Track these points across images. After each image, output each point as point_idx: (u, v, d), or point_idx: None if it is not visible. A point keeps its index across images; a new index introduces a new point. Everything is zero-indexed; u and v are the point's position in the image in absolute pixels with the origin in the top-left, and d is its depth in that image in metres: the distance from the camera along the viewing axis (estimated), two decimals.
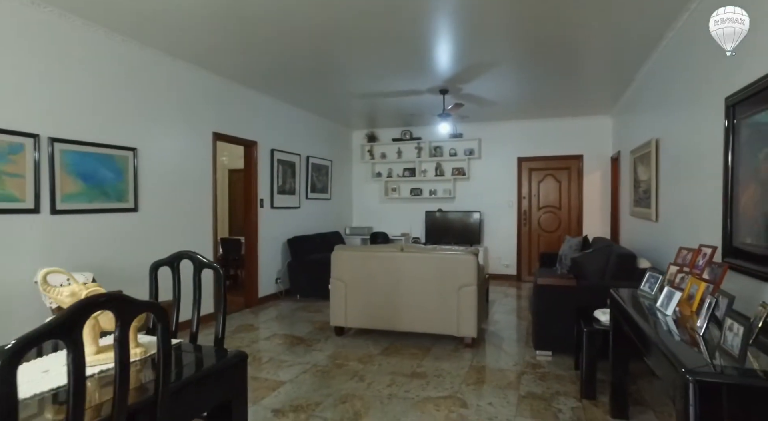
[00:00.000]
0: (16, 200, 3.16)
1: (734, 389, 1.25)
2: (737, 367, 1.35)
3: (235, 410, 1.51)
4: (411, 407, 2.85)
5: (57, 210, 3.41)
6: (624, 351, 2.64)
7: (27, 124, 3.20)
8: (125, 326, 0.99)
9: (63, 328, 0.87)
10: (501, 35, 3.93)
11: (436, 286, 4.00)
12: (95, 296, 0.95)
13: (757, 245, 2.26)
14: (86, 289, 1.42)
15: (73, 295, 1.39)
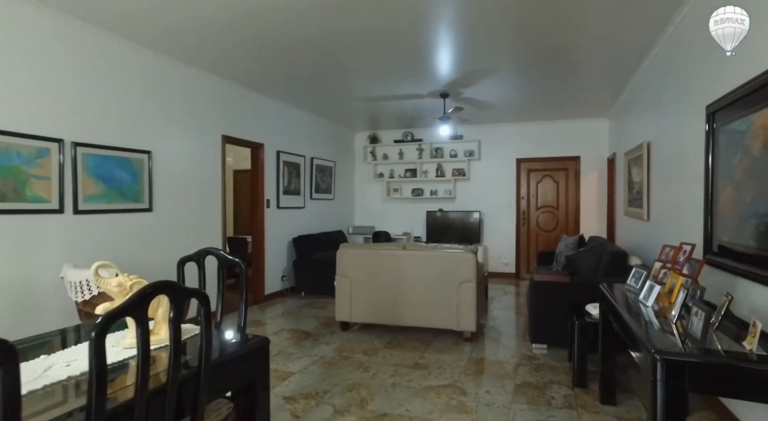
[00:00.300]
0: (43, 201, 3.36)
1: (695, 366, 1.45)
2: (699, 347, 1.54)
3: (259, 388, 1.71)
4: (414, 394, 3.05)
5: (79, 210, 3.61)
6: (612, 342, 2.83)
7: (52, 129, 3.40)
8: (179, 309, 1.19)
9: (135, 307, 1.06)
10: (500, 42, 4.12)
11: (437, 282, 4.19)
12: (158, 282, 1.14)
13: (732, 243, 2.45)
14: (131, 280, 1.62)
15: (120, 285, 1.59)
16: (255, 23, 3.57)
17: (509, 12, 3.40)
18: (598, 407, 2.84)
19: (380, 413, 2.76)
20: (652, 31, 3.72)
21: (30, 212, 3.26)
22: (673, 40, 3.60)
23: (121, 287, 1.59)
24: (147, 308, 1.10)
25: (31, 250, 3.26)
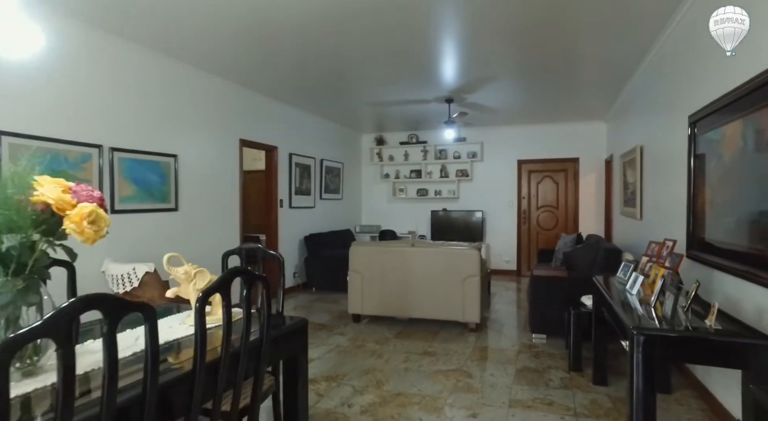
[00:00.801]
0: None
1: (663, 338, 1.77)
2: (668, 324, 1.86)
3: (300, 360, 2.02)
4: (424, 377, 3.36)
5: (116, 210, 3.93)
6: (604, 330, 3.14)
7: (93, 136, 3.72)
8: (250, 290, 1.50)
9: (223, 286, 1.38)
10: (501, 52, 4.42)
11: (444, 277, 4.51)
12: (234, 268, 1.46)
13: (709, 239, 2.76)
14: (194, 269, 1.93)
15: (186, 273, 1.90)
16: (272, 35, 3.87)
17: (510, 25, 3.70)
18: (591, 388, 3.15)
19: (395, 393, 3.07)
20: (642, 43, 4.02)
21: None
22: (662, 52, 3.90)
23: (187, 274, 1.90)
24: (230, 287, 1.41)
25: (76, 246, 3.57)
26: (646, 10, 3.32)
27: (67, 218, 1.28)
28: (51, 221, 1.30)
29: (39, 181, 1.30)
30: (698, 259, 2.92)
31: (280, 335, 1.87)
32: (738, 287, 2.37)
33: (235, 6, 3.31)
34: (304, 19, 3.53)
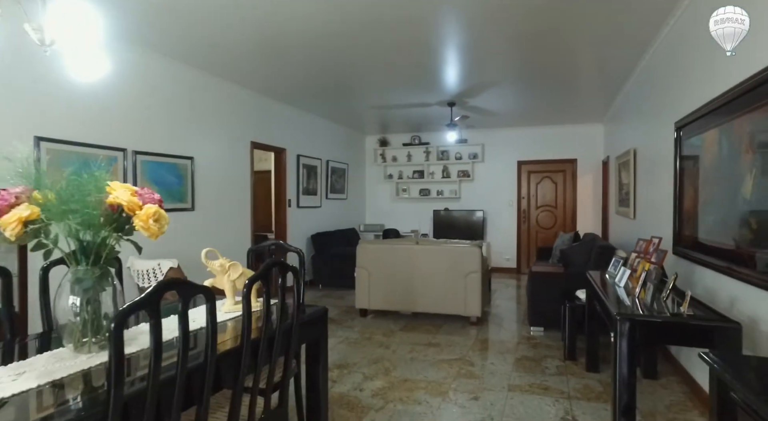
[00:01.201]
0: None
1: (642, 323, 2.01)
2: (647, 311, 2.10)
3: (321, 344, 2.27)
4: (429, 365, 3.61)
5: None
6: (596, 321, 3.38)
7: (118, 140, 3.97)
8: (285, 279, 1.75)
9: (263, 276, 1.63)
10: (503, 58, 4.65)
11: (447, 273, 4.75)
12: (271, 261, 1.70)
13: (691, 236, 3.01)
14: (228, 262, 2.17)
15: (221, 265, 2.14)
16: (281, 43, 4.06)
17: (510, 34, 3.91)
18: (584, 374, 3.39)
19: (402, 379, 3.32)
20: (635, 52, 4.26)
21: None
22: (652, 62, 4.15)
23: (222, 267, 2.14)
24: (271, 276, 1.66)
25: None
26: (639, 21, 3.55)
27: (136, 217, 1.52)
28: (121, 220, 1.54)
29: (111, 186, 1.54)
30: (682, 254, 3.16)
31: (305, 320, 2.12)
32: (714, 280, 2.61)
33: (253, 22, 3.55)
34: (314, 31, 3.77)
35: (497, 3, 3.25)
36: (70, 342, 1.53)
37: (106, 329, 1.55)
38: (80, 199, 1.46)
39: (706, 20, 2.25)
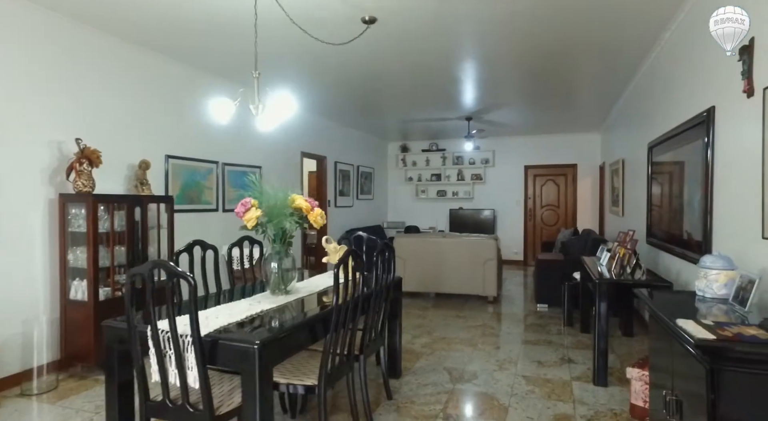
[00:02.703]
0: (209, 203, 5.03)
1: (611, 284, 3.10)
2: (615, 277, 3.19)
3: (399, 302, 3.34)
4: (460, 329, 4.69)
5: (225, 209, 5.28)
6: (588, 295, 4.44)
7: (213, 155, 5.07)
8: (385, 255, 2.83)
9: (357, 256, 2.71)
10: (513, 85, 5.71)
11: (468, 261, 5.83)
12: (382, 245, 2.77)
13: (658, 229, 4.07)
14: (339, 246, 3.24)
15: (335, 248, 3.22)
16: (321, 65, 4.99)
17: (519, 62, 4.84)
18: (578, 334, 4.46)
19: (441, 337, 4.41)
20: (625, 77, 5.24)
21: (203, 211, 4.94)
22: (638, 85, 5.20)
23: (336, 249, 3.23)
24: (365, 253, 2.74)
25: (204, 235, 4.91)
26: (627, 52, 4.45)
27: (310, 215, 2.60)
28: (300, 216, 2.63)
29: (293, 197, 2.63)
30: (652, 243, 4.23)
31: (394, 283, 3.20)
32: (668, 259, 3.68)
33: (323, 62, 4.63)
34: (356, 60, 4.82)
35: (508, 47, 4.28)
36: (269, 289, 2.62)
37: (288, 281, 2.64)
38: (281, 205, 2.55)
39: (673, 62, 3.30)
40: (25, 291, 3.26)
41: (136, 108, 4.17)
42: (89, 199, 3.33)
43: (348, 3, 3.24)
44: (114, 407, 2.09)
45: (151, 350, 1.91)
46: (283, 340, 1.99)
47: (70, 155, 3.51)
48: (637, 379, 2.66)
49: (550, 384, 3.24)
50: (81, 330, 3.36)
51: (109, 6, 3.32)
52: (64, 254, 3.41)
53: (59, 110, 3.49)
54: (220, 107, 2.84)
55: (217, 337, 1.89)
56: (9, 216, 3.16)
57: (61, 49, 3.51)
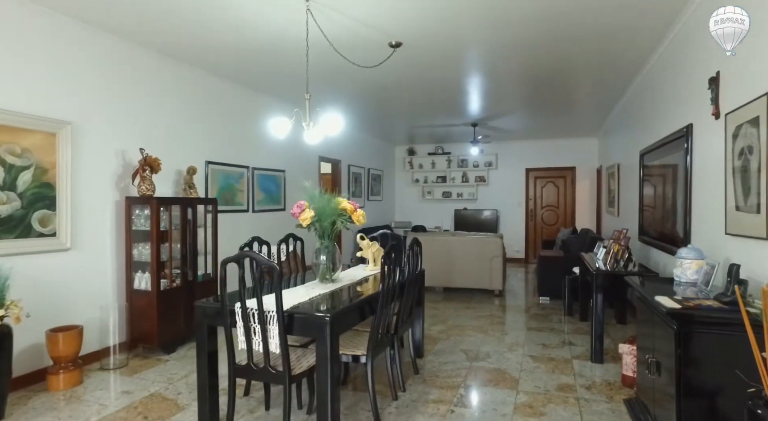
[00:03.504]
0: (241, 205, 5.52)
1: (605, 274, 3.60)
2: (610, 269, 3.70)
3: (422, 292, 3.83)
4: (470, 318, 5.19)
5: (255, 210, 5.77)
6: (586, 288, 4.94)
7: (245, 160, 5.56)
8: (414, 250, 3.32)
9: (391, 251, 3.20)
10: (516, 93, 6.21)
11: (476, 257, 6.33)
12: (393, 243, 3.26)
13: (649, 228, 4.58)
14: (372, 244, 3.73)
15: (368, 245, 3.71)
16: (350, 82, 5.58)
17: (522, 75, 5.37)
18: (577, 323, 4.97)
19: (455, 325, 4.90)
20: (620, 88, 5.76)
21: (236, 212, 5.43)
22: (631, 96, 5.71)
23: (368, 245, 3.72)
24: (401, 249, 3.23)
25: (237, 233, 5.42)
26: (620, 68, 4.97)
27: (354, 215, 3.10)
28: (345, 215, 3.12)
29: (339, 200, 3.12)
30: (643, 240, 4.74)
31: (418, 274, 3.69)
32: (657, 254, 4.19)
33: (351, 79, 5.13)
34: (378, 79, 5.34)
35: (513, 63, 4.80)
36: (318, 277, 3.12)
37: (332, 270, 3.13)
38: (331, 207, 3.04)
39: (661, 81, 3.80)
40: (99, 281, 3.76)
41: (182, 120, 4.66)
42: (153, 202, 3.82)
43: (378, 30, 3.74)
44: (204, 372, 2.58)
45: (239, 324, 2.41)
46: (344, 316, 2.49)
47: (132, 163, 4.01)
48: (627, 353, 3.17)
49: (553, 362, 3.75)
50: (144, 316, 3.85)
51: (169, 32, 3.81)
52: (129, 249, 3.90)
53: (122, 123, 3.98)
54: (278, 124, 3.31)
55: (293, 312, 2.39)
56: (87, 217, 3.65)
57: (125, 70, 4.00)
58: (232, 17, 3.46)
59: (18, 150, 3.15)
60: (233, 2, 3.22)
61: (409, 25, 3.63)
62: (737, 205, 2.40)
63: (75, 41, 3.56)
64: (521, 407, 2.91)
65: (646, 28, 3.69)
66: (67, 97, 3.51)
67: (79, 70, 3.61)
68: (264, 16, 3.46)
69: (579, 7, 3.27)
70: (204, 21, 3.53)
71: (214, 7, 3.30)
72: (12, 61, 3.15)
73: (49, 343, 3.19)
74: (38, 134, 3.28)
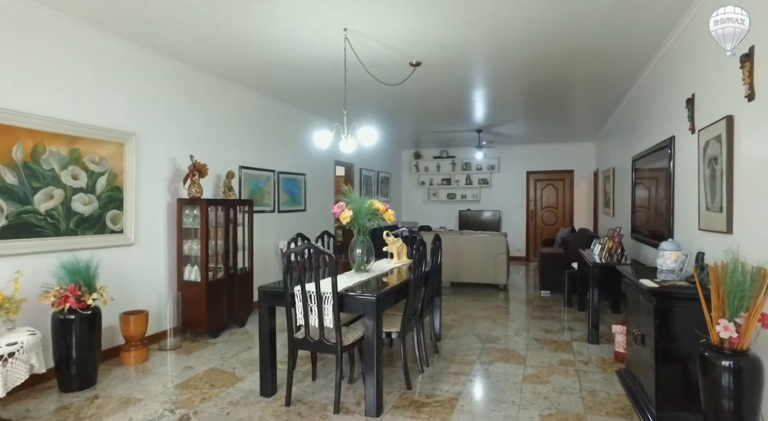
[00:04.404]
0: (268, 206, 6.04)
1: (600, 266, 4.14)
2: (605, 261, 4.23)
3: (439, 284, 4.34)
4: (479, 309, 5.71)
5: (279, 210, 6.28)
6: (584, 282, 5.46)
7: (272, 165, 6.08)
8: (437, 245, 3.83)
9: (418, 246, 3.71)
10: (518, 103, 6.76)
11: (482, 254, 6.85)
12: (420, 239, 3.77)
13: (639, 227, 5.11)
14: (397, 239, 4.25)
15: (392, 240, 4.22)
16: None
17: (522, 86, 5.96)
18: (576, 313, 5.49)
19: (465, 314, 5.42)
20: (615, 98, 6.32)
21: (264, 212, 5.94)
22: (626, 105, 6.25)
23: (394, 241, 4.23)
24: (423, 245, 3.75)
25: (264, 232, 5.94)
26: (615, 82, 5.50)
27: (385, 214, 3.62)
28: (377, 214, 3.64)
29: (372, 201, 3.64)
30: (635, 238, 5.27)
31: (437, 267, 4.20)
32: (646, 249, 4.72)
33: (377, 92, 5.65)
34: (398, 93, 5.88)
35: (516, 77, 5.34)
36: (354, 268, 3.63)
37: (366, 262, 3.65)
38: (366, 208, 3.56)
39: (651, 95, 4.33)
40: (156, 273, 4.27)
41: (219, 129, 5.17)
42: (202, 203, 4.33)
43: (401, 52, 4.26)
44: (266, 344, 3.09)
45: (298, 304, 2.92)
46: (385, 297, 3.01)
47: (180, 168, 4.52)
48: (619, 333, 3.69)
49: (555, 343, 4.27)
50: (194, 304, 4.36)
51: (213, 53, 4.32)
52: (180, 245, 4.41)
53: (171, 133, 4.50)
54: (321, 136, 3.88)
55: (343, 294, 2.90)
56: (146, 216, 4.16)
57: (174, 86, 4.51)
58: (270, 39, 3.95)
59: (97, 158, 3.66)
60: (276, 27, 3.72)
61: (428, 46, 4.14)
62: (707, 206, 2.92)
63: (138, 63, 4.07)
64: (529, 377, 3.43)
65: (635, 52, 4.22)
66: (131, 111, 4.03)
67: (140, 87, 4.12)
68: (303, 40, 3.96)
69: (574, 35, 3.79)
70: (246, 43, 4.03)
71: (257, 37, 3.81)
72: (92, 83, 3.66)
73: (122, 324, 3.70)
74: (111, 144, 3.79)
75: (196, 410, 2.88)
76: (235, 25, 3.59)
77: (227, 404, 2.97)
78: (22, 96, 3.17)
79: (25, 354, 2.53)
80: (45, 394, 3.10)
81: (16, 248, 3.09)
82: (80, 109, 3.57)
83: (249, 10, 3.33)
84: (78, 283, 3.16)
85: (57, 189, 3.37)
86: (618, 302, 5.42)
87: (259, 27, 3.65)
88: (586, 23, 3.53)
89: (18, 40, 3.14)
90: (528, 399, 3.04)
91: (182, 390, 3.20)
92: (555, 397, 3.07)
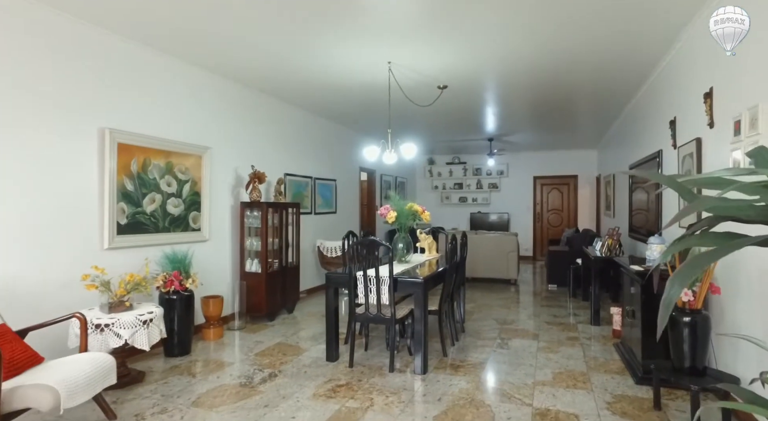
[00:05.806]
0: (306, 208, 6.81)
1: (600, 260, 4.89)
2: (605, 256, 4.98)
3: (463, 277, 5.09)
4: (493, 299, 6.45)
5: (316, 212, 7.06)
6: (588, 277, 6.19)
7: (309, 171, 6.86)
8: (465, 241, 4.58)
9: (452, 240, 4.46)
10: (526, 115, 7.52)
11: (495, 251, 7.60)
12: (463, 234, 4.51)
13: (636, 226, 5.85)
14: (428, 236, 5.00)
15: (424, 237, 4.98)
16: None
17: (530, 100, 6.76)
18: (581, 303, 6.23)
19: (482, 303, 6.17)
20: (615, 111, 7.09)
21: (304, 214, 6.72)
22: (626, 117, 7.01)
23: (425, 238, 4.99)
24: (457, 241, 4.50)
25: (305, 232, 6.71)
26: (615, 97, 6.33)
27: (423, 215, 4.38)
28: (417, 215, 4.40)
29: (410, 204, 4.40)
30: (632, 236, 6.01)
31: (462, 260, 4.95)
32: (641, 246, 5.46)
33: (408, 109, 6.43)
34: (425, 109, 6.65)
35: (526, 94, 6.11)
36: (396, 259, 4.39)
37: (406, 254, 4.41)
38: (407, 209, 4.32)
39: (645, 111, 5.08)
40: (223, 265, 5.04)
41: (270, 141, 5.96)
42: (263, 206, 5.11)
43: (432, 77, 5.02)
44: (332, 318, 3.85)
45: (359, 286, 3.69)
46: (429, 281, 3.77)
47: (240, 176, 5.30)
48: (616, 313, 4.44)
49: (562, 325, 5.02)
50: (255, 292, 5.12)
51: (271, 78, 5.11)
52: (242, 241, 5.18)
53: (233, 145, 5.28)
54: (370, 151, 4.64)
55: (397, 278, 3.66)
56: (216, 217, 4.94)
57: (236, 104, 5.30)
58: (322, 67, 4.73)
59: (183, 168, 4.45)
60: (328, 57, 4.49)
61: (452, 72, 4.90)
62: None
63: (213, 89, 4.87)
64: (542, 348, 4.18)
65: (630, 77, 4.98)
66: (207, 128, 4.81)
67: (215, 108, 4.91)
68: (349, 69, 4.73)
69: (575, 60, 4.55)
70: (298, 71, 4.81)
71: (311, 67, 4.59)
72: (180, 106, 4.45)
73: (203, 306, 4.47)
74: (193, 157, 4.58)
75: (280, 370, 3.64)
76: (291, 57, 4.37)
77: (302, 366, 3.73)
78: (135, 121, 3.96)
79: (158, 321, 3.30)
80: (155, 358, 3.88)
81: (135, 242, 3.88)
82: (172, 128, 4.35)
83: (307, 55, 4.11)
84: (180, 270, 3.93)
85: (157, 194, 4.16)
86: (616, 293, 6.15)
87: (316, 63, 4.43)
88: (585, 50, 4.29)
89: (131, 74, 3.94)
90: (542, 363, 3.79)
91: (262, 357, 3.96)
92: (564, 361, 3.82)
